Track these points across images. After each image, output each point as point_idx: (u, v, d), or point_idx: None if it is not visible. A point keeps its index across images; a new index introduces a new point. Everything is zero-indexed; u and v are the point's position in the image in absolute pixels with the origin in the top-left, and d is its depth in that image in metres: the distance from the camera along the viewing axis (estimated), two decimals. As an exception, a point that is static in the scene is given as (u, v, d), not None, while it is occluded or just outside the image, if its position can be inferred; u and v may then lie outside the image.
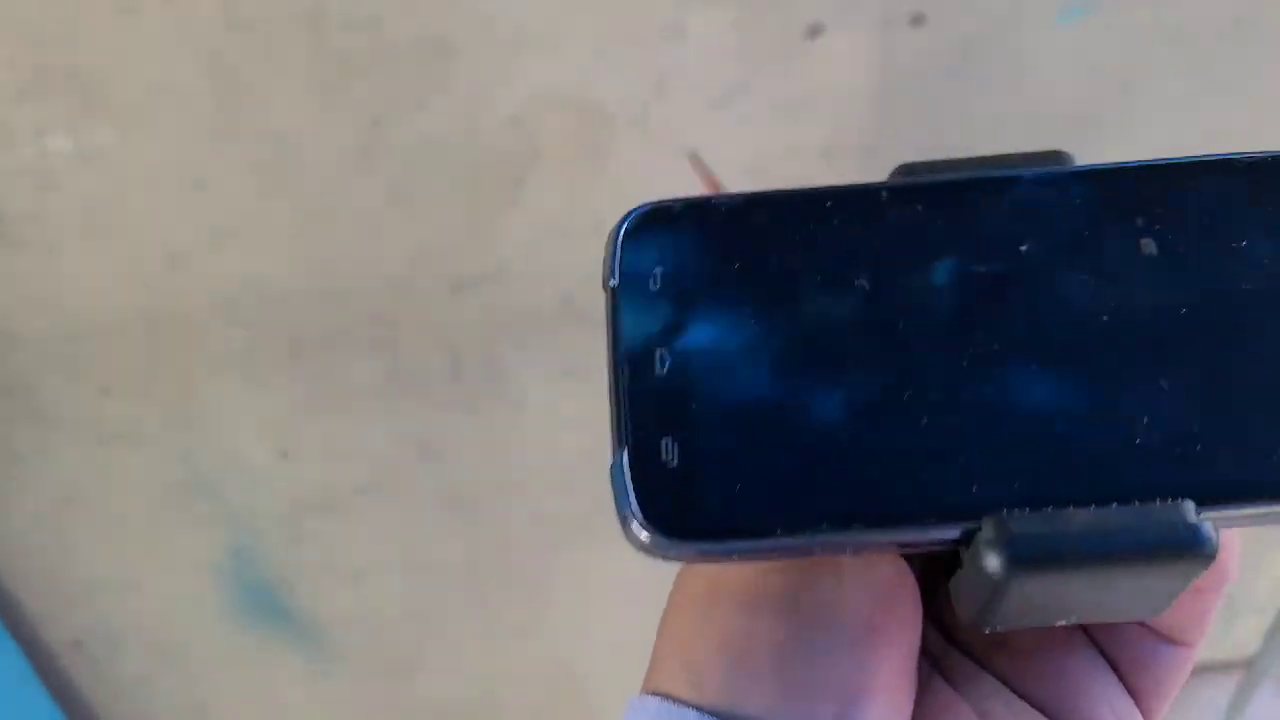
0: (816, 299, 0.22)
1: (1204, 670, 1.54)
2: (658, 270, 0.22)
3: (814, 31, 0.84)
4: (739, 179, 0.89)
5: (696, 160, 0.72)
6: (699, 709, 0.21)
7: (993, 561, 0.18)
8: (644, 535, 0.20)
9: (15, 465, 0.99)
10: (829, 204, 0.23)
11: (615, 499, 0.20)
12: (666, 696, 0.22)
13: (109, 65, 0.77)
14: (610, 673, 1.27)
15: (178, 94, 0.79)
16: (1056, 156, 0.23)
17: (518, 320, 0.95)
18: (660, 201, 0.23)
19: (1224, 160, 0.22)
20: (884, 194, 0.23)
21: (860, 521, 0.20)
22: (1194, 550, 0.18)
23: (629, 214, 0.23)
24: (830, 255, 0.22)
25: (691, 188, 0.78)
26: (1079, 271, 0.22)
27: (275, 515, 1.07)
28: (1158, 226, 0.22)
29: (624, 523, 0.20)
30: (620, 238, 0.23)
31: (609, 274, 0.23)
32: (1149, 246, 0.22)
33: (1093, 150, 0.90)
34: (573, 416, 0.99)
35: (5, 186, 0.81)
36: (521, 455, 1.06)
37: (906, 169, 0.24)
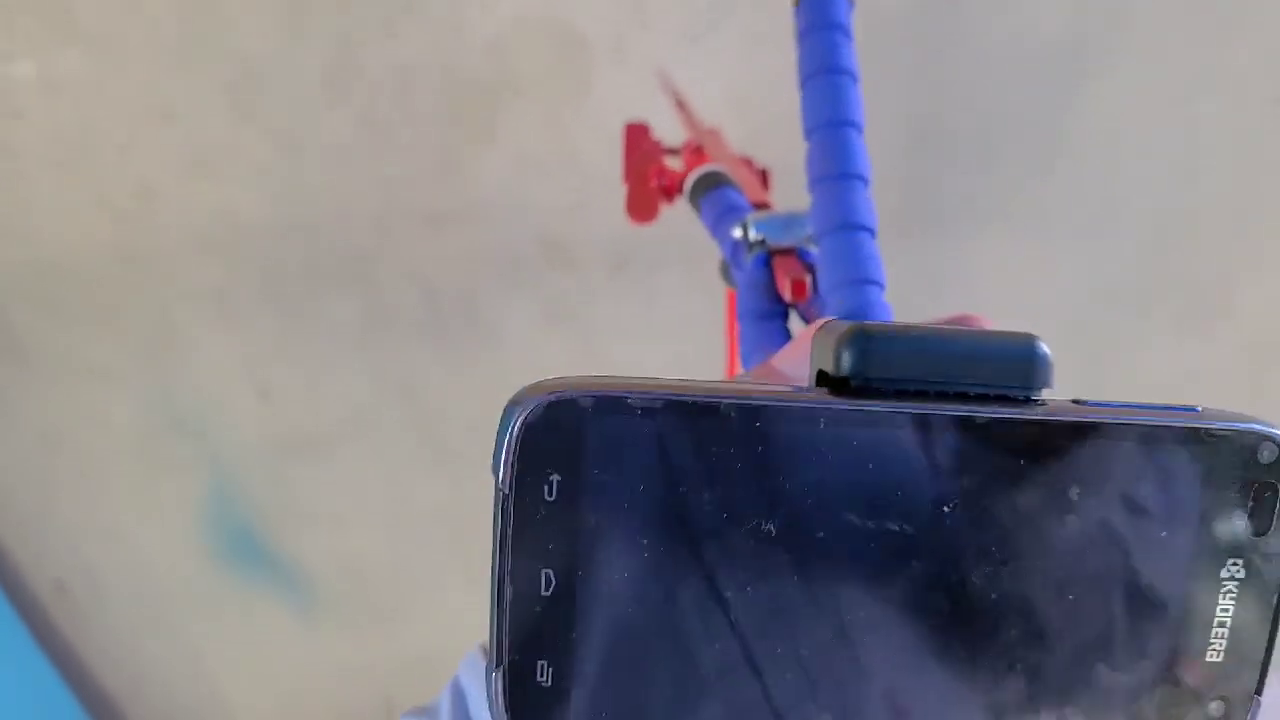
0: (716, 538, 0.20)
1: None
2: (554, 478, 0.19)
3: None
4: (720, 109, 0.87)
5: (666, 82, 0.70)
6: None
7: None
8: None
9: (-9, 402, 0.98)
10: (759, 423, 0.19)
11: (489, 704, 0.20)
12: None
13: (72, -15, 0.75)
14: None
15: (143, 16, 0.77)
16: (1028, 342, 0.20)
17: (495, 258, 0.93)
18: (565, 391, 0.19)
19: (1188, 427, 0.20)
20: (821, 421, 0.19)
21: None
22: None
23: (527, 401, 0.19)
24: (743, 485, 0.20)
25: (669, 120, 0.76)
26: (988, 538, 0.20)
27: (256, 457, 1.06)
28: (1089, 499, 0.20)
29: None
30: (517, 433, 0.19)
31: (499, 476, 0.19)
32: (1069, 520, 0.20)
33: (1076, 85, 0.88)
34: (554, 355, 0.98)
35: (-30, 111, 0.80)
36: (502, 395, 1.05)
37: (861, 332, 0.20)
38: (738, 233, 0.38)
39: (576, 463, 0.19)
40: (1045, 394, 0.20)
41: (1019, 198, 0.99)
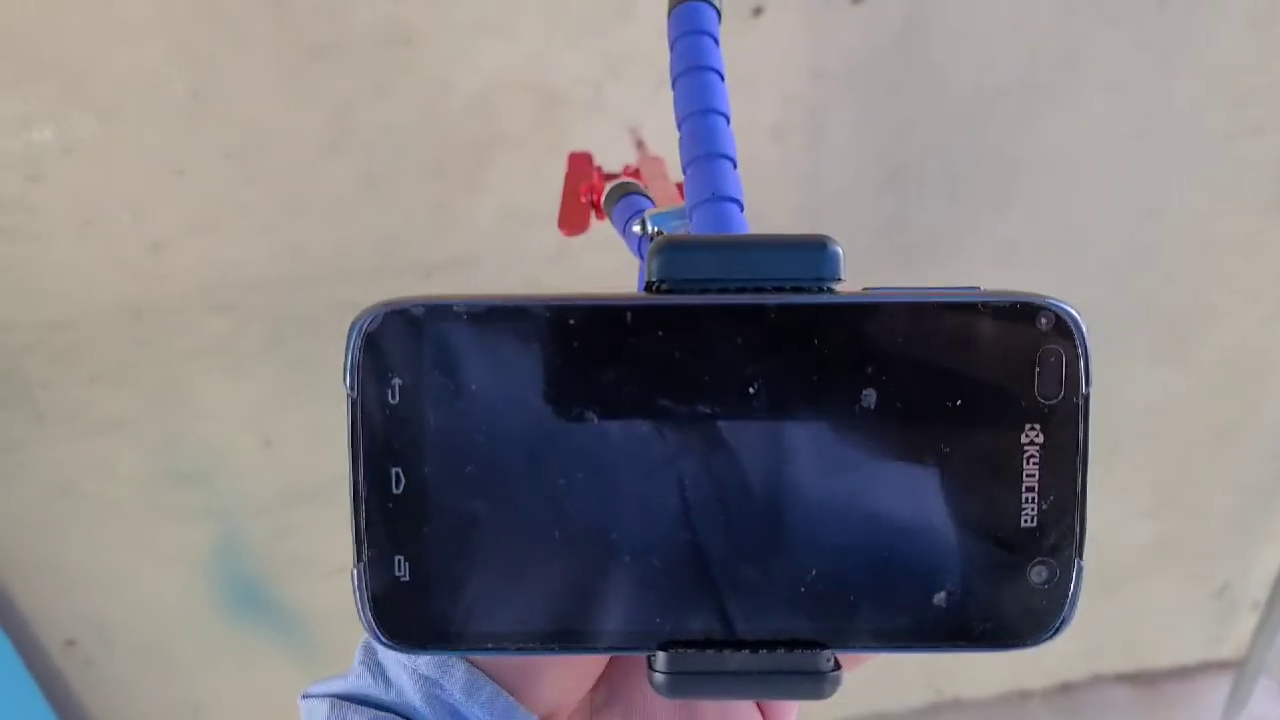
0: (544, 424, 0.22)
1: (1202, 669, 1.52)
2: (396, 382, 0.22)
3: (757, 10, 0.88)
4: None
5: (637, 139, 0.76)
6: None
7: (659, 682, 0.22)
8: (374, 636, 0.22)
9: (7, 455, 1.02)
10: (572, 321, 0.21)
11: (353, 599, 0.22)
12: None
13: (89, 57, 0.82)
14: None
15: (155, 84, 0.83)
16: (819, 239, 0.22)
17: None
18: (400, 303, 0.21)
19: (967, 303, 0.22)
20: (628, 315, 0.21)
21: (557, 643, 0.23)
22: (820, 694, 0.22)
23: (366, 316, 0.21)
24: (563, 378, 0.22)
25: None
26: (794, 422, 0.22)
27: (260, 506, 1.10)
28: (883, 377, 0.22)
29: (360, 620, 0.22)
30: (358, 343, 0.22)
31: (349, 379, 0.22)
32: (869, 399, 0.22)
33: (1030, 120, 0.93)
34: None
35: (-6, 174, 0.86)
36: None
37: (666, 242, 0.22)
38: (638, 228, 0.42)
39: (414, 366, 0.21)
40: (839, 288, 0.22)
41: (983, 233, 1.03)
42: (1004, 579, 0.22)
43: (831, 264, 0.22)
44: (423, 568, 0.22)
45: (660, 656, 0.22)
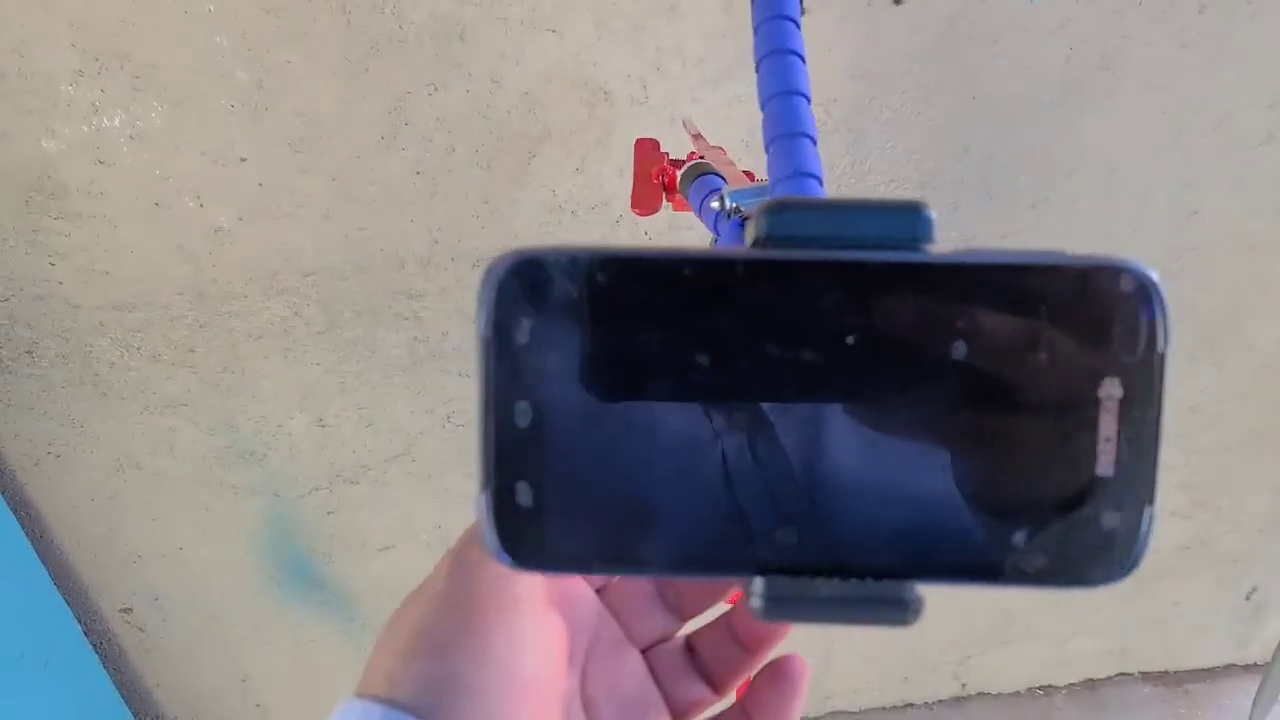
0: (656, 365, 0.24)
1: (1228, 671, 1.52)
2: (525, 323, 0.23)
3: (802, 10, 0.89)
4: (736, 154, 0.94)
5: (688, 123, 0.78)
6: (390, 704, 0.26)
7: (756, 606, 0.24)
8: (499, 557, 0.24)
9: (72, 430, 1.07)
10: (687, 271, 0.24)
11: (478, 523, 0.24)
12: (368, 697, 0.27)
13: (157, 48, 0.85)
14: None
15: (220, 75, 0.87)
16: (914, 204, 0.24)
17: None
18: (531, 251, 0.23)
19: (1053, 264, 0.23)
20: (739, 267, 0.24)
21: (660, 568, 0.25)
22: (904, 622, 0.24)
23: (500, 262, 0.23)
24: (676, 324, 0.24)
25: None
26: (889, 369, 0.24)
27: (312, 485, 1.14)
28: (972, 330, 0.23)
29: (485, 543, 0.24)
30: (492, 287, 0.23)
31: (481, 323, 0.23)
32: (958, 351, 0.23)
33: (1069, 121, 0.94)
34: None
35: (66, 161, 0.90)
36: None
37: (773, 203, 0.24)
38: (716, 204, 0.45)
39: (542, 310, 0.23)
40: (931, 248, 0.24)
41: (1020, 233, 1.04)
42: (1080, 523, 0.24)
43: (926, 226, 0.24)
44: (543, 495, 0.24)
45: (758, 581, 0.24)
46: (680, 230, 1.00)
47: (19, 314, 0.99)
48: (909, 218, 0.24)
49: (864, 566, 0.24)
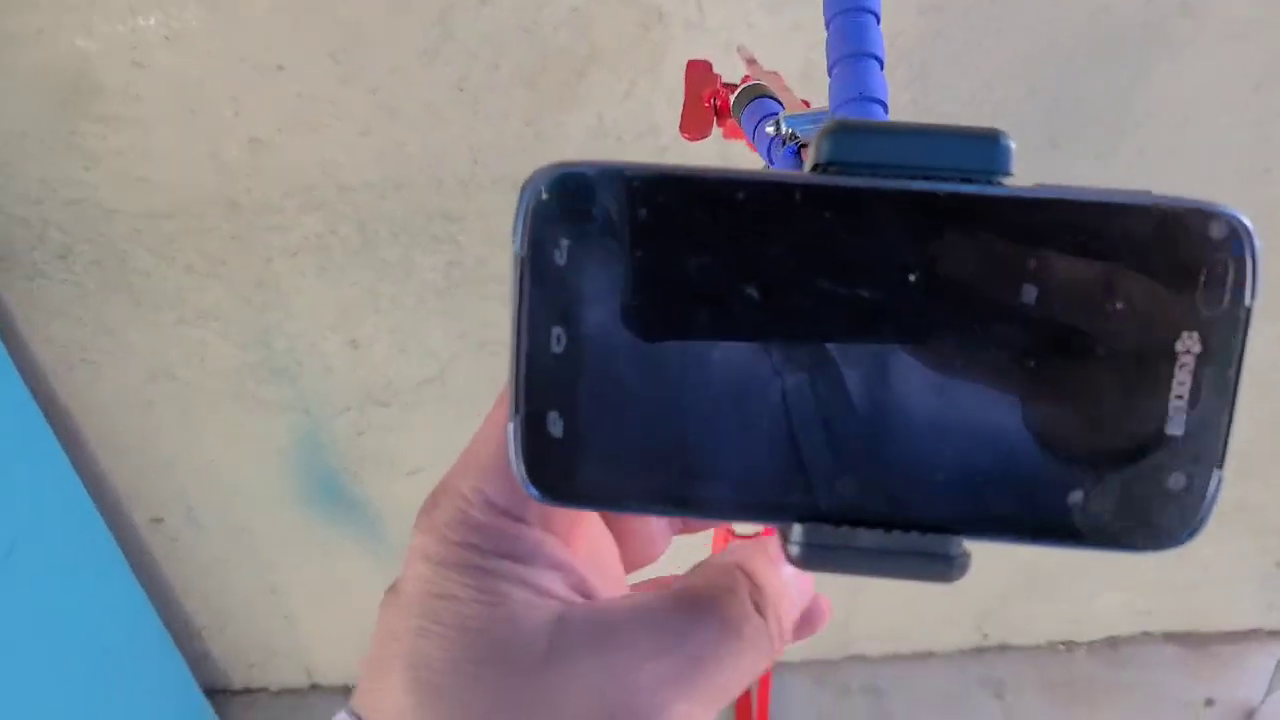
0: (701, 294, 0.22)
1: (1254, 635, 1.51)
2: (565, 243, 0.22)
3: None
4: (793, 86, 0.91)
5: (746, 54, 0.74)
6: None
7: (794, 554, 0.22)
8: (526, 488, 0.23)
9: (106, 338, 1.06)
10: (741, 195, 0.22)
11: (507, 453, 0.23)
12: (354, 714, 0.25)
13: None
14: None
15: (262, -22, 0.84)
16: (991, 132, 0.22)
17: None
18: (573, 165, 0.22)
19: (1140, 205, 0.21)
20: (797, 193, 0.22)
21: (696, 509, 0.23)
22: (948, 578, 0.23)
23: (540, 175, 0.22)
24: (725, 251, 0.22)
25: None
26: (950, 311, 0.22)
27: (344, 404, 1.13)
28: (1045, 274, 0.21)
29: (514, 473, 0.23)
30: (530, 203, 0.22)
31: (516, 240, 0.22)
32: (1029, 295, 0.21)
33: (1145, 67, 0.89)
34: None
35: (102, 62, 0.87)
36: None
37: (837, 124, 0.22)
38: (771, 129, 0.42)
39: (583, 229, 0.22)
40: (1007, 182, 0.22)
41: (1082, 182, 1.00)
42: (1142, 483, 0.22)
43: (1004, 157, 0.22)
44: (575, 426, 0.23)
45: (797, 529, 0.23)
46: (731, 162, 0.96)
47: (52, 217, 0.98)
48: (986, 147, 0.22)
49: (911, 518, 0.23)
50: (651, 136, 0.94)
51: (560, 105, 0.93)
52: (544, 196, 0.22)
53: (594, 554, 0.28)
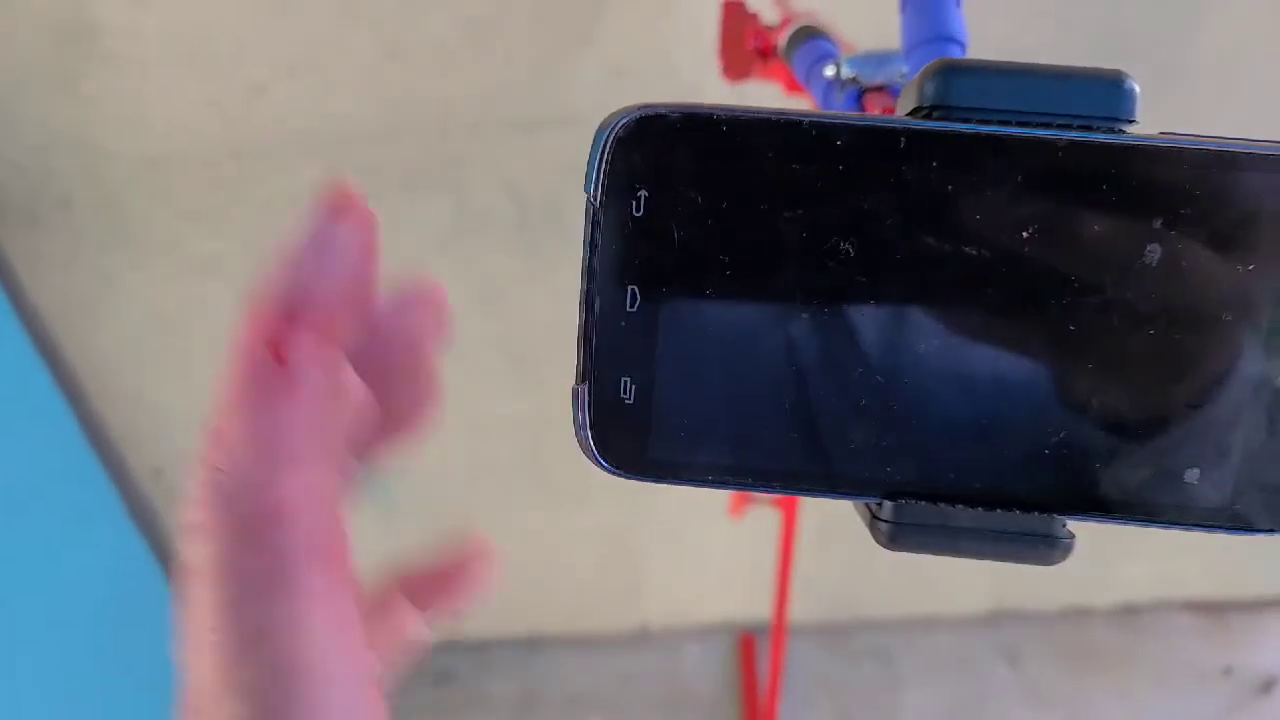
0: (792, 251, 0.20)
1: (1272, 606, 1.48)
2: (642, 193, 0.20)
3: None
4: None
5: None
6: None
7: (883, 532, 0.21)
8: (593, 458, 0.21)
9: (105, 286, 1.03)
10: (839, 141, 0.19)
11: (573, 419, 0.21)
12: None
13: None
14: (663, 546, 1.29)
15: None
16: (1115, 74, 0.19)
17: (584, 166, 0.95)
18: (655, 107, 0.20)
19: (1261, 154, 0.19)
20: (902, 140, 0.19)
21: (778, 482, 0.21)
22: (1051, 560, 0.21)
23: (619, 118, 0.20)
24: (820, 203, 0.20)
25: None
26: (1066, 272, 0.20)
27: (345, 357, 1.10)
28: (1172, 232, 0.19)
29: (579, 440, 0.21)
30: (608, 146, 0.20)
31: (592, 187, 0.20)
32: (1152, 255, 0.20)
33: (1191, 23, 0.85)
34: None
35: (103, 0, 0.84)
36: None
37: (944, 64, 0.20)
38: (830, 72, 0.39)
39: (664, 178, 0.20)
40: (1131, 130, 0.20)
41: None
42: (1265, 462, 0.20)
43: (1129, 102, 0.19)
44: (649, 392, 0.21)
45: (887, 506, 0.21)
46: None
47: (53, 160, 0.94)
48: (1110, 91, 0.20)
49: (1013, 496, 0.21)
50: (671, 78, 0.90)
51: (574, 45, 0.89)
52: (622, 142, 0.20)
53: None
